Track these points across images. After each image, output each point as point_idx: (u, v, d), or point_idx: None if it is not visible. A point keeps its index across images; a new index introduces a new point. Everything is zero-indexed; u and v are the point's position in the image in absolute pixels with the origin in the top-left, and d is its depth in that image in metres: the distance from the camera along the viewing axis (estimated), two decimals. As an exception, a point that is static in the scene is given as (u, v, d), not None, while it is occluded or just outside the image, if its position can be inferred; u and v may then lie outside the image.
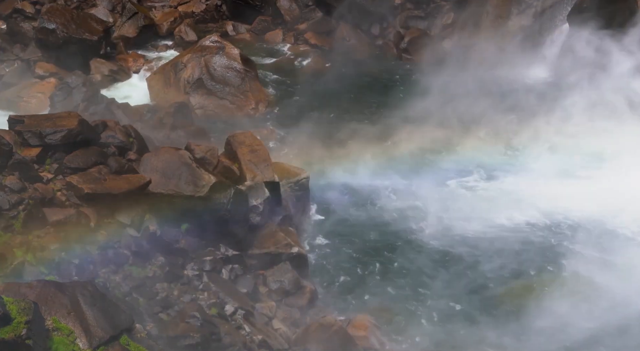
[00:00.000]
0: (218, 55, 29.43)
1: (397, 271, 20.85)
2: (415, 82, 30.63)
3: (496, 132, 26.58)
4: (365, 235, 22.25)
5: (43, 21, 30.27)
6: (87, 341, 13.76)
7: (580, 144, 25.68)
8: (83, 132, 18.94)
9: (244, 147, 21.34)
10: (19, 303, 12.89)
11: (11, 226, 16.90)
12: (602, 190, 23.43)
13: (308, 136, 26.56)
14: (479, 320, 19.17)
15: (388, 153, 25.61)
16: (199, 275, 18.39)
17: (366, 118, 28.42)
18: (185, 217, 18.76)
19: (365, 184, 24.30)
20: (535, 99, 28.19)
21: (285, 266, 19.38)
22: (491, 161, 25.49)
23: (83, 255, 17.17)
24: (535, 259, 21.24)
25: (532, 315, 19.02)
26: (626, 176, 23.73)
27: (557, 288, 19.77)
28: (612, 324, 18.36)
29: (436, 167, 25.19)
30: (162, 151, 19.84)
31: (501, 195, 23.90)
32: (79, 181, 18.15)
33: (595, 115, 26.34)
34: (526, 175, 24.65)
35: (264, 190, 20.29)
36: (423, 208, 23.46)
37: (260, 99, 29.03)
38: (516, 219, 22.78)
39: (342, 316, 18.77)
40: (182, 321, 16.34)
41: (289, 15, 35.37)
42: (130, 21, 33.77)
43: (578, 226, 22.41)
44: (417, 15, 34.91)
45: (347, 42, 34.52)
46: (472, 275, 20.83)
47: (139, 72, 31.34)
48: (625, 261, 20.70)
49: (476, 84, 28.91)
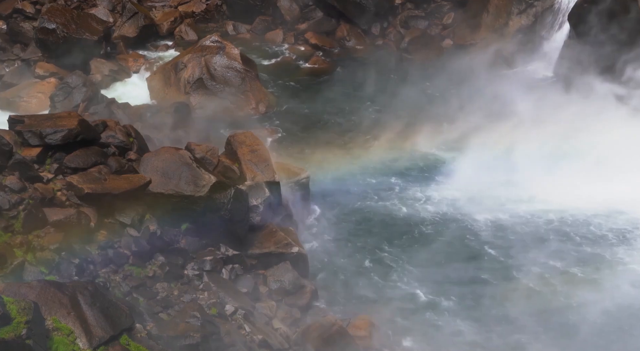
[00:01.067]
0: (218, 55, 29.41)
1: (399, 271, 20.84)
2: (417, 82, 30.61)
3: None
4: (367, 235, 22.26)
5: (43, 21, 30.27)
6: (87, 341, 13.76)
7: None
8: (83, 132, 18.93)
9: (245, 147, 21.34)
10: (19, 303, 12.89)
11: (11, 226, 16.90)
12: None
13: (308, 136, 26.58)
14: (480, 320, 19.18)
15: (389, 152, 25.58)
16: (199, 274, 18.39)
17: (367, 118, 28.40)
18: (186, 217, 18.77)
19: (367, 184, 24.30)
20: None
21: (285, 266, 19.38)
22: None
23: (83, 255, 17.19)
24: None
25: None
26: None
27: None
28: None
29: (443, 166, 25.18)
30: (162, 151, 19.84)
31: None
32: (79, 181, 18.15)
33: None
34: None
35: (264, 189, 20.29)
36: (425, 208, 23.48)
37: (260, 99, 29.02)
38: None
39: (343, 316, 18.76)
40: (183, 321, 16.33)
41: (289, 15, 35.35)
42: (131, 21, 33.74)
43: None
44: (418, 15, 34.89)
45: (348, 41, 34.52)
46: (474, 275, 20.86)
47: (139, 72, 31.32)
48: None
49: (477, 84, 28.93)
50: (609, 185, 23.36)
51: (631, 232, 22.50)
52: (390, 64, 32.68)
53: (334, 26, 34.94)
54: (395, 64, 32.74)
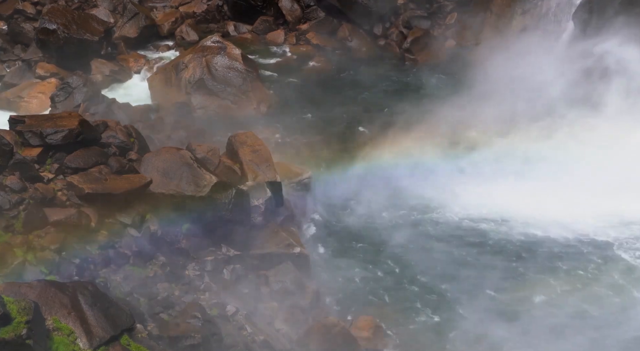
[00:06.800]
0: (219, 56, 29.35)
1: (401, 272, 20.78)
2: (418, 82, 30.53)
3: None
4: (368, 235, 22.21)
5: (44, 22, 30.21)
6: (87, 341, 13.71)
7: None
8: (84, 132, 18.91)
9: (246, 147, 21.28)
10: (19, 302, 12.84)
11: (12, 226, 16.91)
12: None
13: (310, 136, 26.49)
14: (482, 320, 19.11)
15: (391, 152, 25.50)
16: (200, 275, 18.33)
17: (368, 118, 28.34)
18: (187, 217, 18.73)
19: (368, 184, 24.21)
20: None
21: (287, 267, 19.29)
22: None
23: (84, 255, 17.15)
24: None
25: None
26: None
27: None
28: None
29: (443, 166, 25.10)
30: (163, 151, 19.81)
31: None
32: (80, 181, 18.12)
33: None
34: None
35: (266, 190, 20.22)
36: (426, 208, 23.41)
37: (261, 99, 28.97)
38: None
39: (345, 317, 18.67)
40: (184, 321, 16.26)
41: (291, 15, 35.27)
42: (131, 21, 33.70)
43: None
44: (420, 15, 34.76)
45: (349, 42, 34.45)
46: (477, 274, 20.78)
47: (140, 72, 31.27)
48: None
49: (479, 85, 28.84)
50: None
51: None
52: (392, 64, 32.60)
53: (335, 26, 34.86)
54: (397, 64, 32.66)
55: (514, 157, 25.24)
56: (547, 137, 26.11)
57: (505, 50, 30.33)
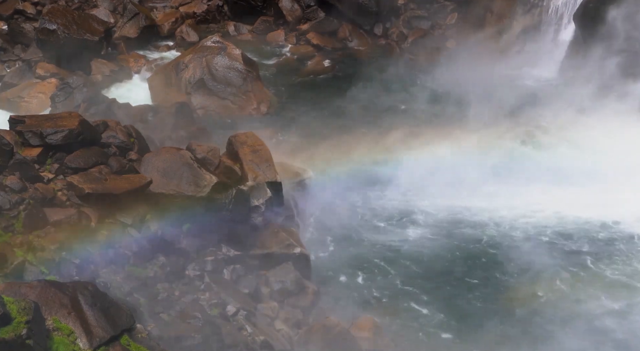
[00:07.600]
0: (220, 56, 29.37)
1: (401, 272, 20.77)
2: (419, 82, 30.52)
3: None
4: (369, 235, 22.19)
5: (44, 22, 30.19)
6: (87, 342, 13.67)
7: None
8: (84, 132, 18.87)
9: (246, 147, 21.26)
10: (19, 302, 12.81)
11: (12, 226, 16.87)
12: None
13: (310, 136, 26.46)
14: (483, 320, 19.09)
15: (392, 153, 25.48)
16: (201, 275, 18.31)
17: (369, 119, 28.31)
18: (187, 217, 18.70)
19: (369, 184, 24.20)
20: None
21: (287, 267, 19.28)
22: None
23: (84, 255, 17.11)
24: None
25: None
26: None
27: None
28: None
29: (444, 166, 25.09)
30: (163, 151, 19.79)
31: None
32: (80, 181, 18.09)
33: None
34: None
35: (266, 190, 20.20)
36: (428, 207, 23.39)
37: (262, 99, 28.98)
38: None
39: (345, 317, 18.65)
40: (184, 321, 16.27)
41: (291, 15, 35.28)
42: (132, 22, 33.70)
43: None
44: (421, 15, 34.79)
45: (350, 42, 34.46)
46: (478, 275, 20.77)
47: (140, 73, 31.26)
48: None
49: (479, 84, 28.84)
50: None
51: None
52: (393, 64, 32.59)
53: (336, 26, 34.87)
54: (398, 64, 32.64)
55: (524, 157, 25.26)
56: (549, 136, 26.11)
57: (506, 50, 30.40)
